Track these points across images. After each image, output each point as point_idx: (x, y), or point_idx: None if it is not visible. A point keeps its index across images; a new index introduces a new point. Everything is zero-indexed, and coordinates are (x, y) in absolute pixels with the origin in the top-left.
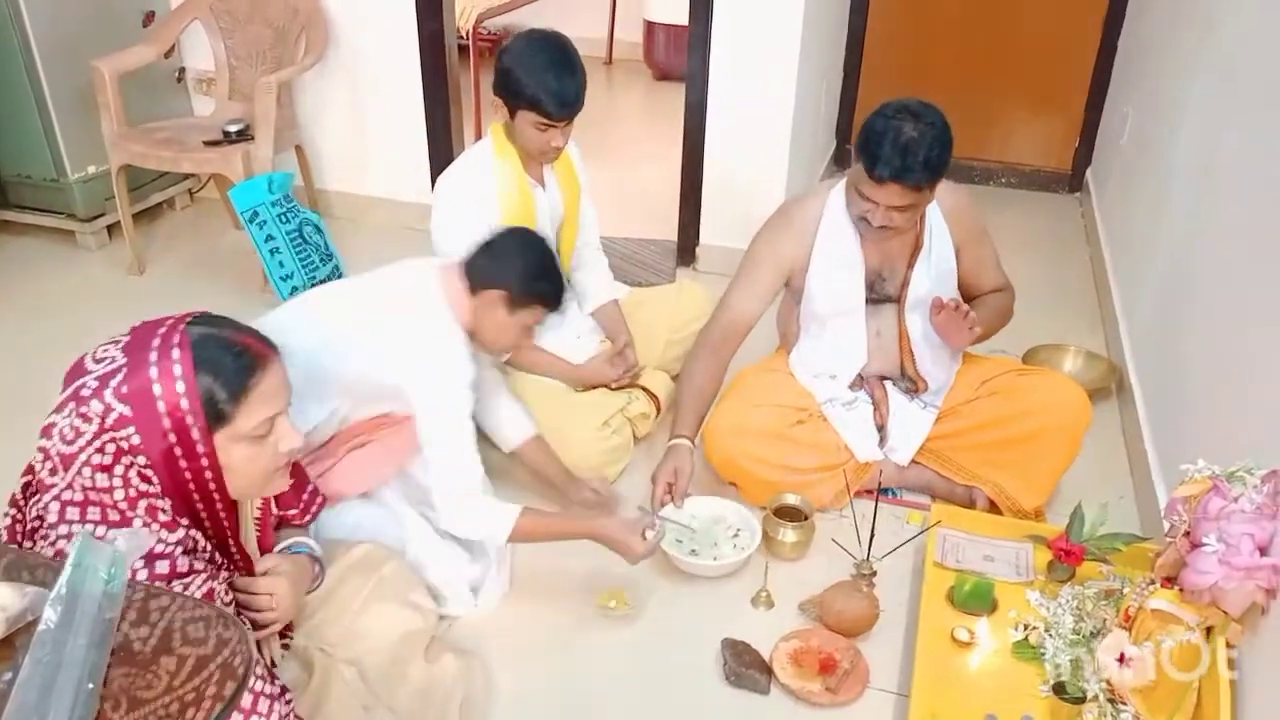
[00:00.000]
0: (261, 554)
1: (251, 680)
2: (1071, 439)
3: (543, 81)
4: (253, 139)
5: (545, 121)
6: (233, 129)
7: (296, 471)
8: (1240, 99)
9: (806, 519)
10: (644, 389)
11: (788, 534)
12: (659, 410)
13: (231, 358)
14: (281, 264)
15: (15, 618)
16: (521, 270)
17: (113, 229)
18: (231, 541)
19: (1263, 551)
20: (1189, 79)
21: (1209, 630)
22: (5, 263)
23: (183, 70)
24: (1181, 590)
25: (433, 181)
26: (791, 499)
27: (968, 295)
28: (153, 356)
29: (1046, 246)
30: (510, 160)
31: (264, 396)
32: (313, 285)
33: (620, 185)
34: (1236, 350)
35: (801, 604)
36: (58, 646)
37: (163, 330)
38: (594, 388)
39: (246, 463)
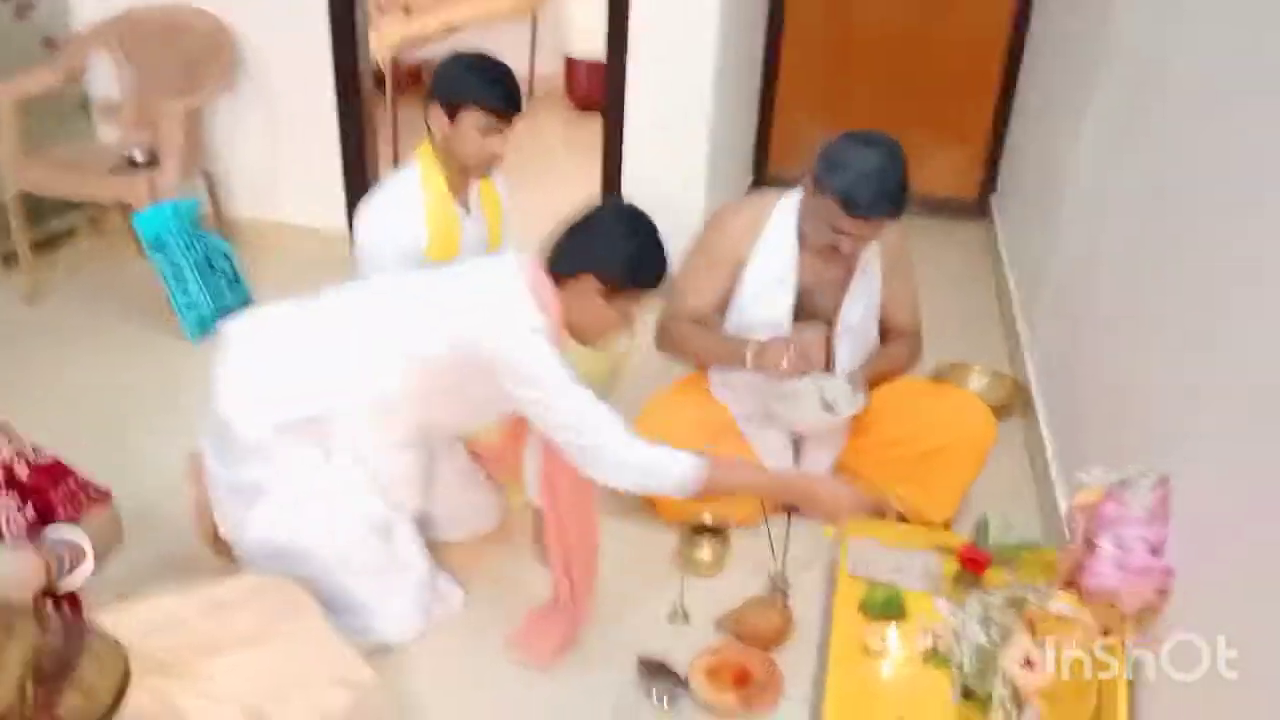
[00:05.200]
0: None
1: None
2: (976, 455)
3: (490, 80)
4: (158, 166)
5: (492, 122)
6: (138, 156)
7: (60, 470)
8: (1126, 129)
9: (723, 534)
10: None
11: (704, 550)
12: None
13: None
14: (186, 292)
15: None
16: (624, 256)
17: (10, 258)
18: None
19: (1155, 553)
20: (1081, 104)
21: (1106, 631)
22: None
23: (86, 96)
24: (1081, 593)
25: (349, 210)
26: (708, 516)
27: (880, 329)
28: None
29: (955, 272)
30: (436, 183)
31: None
32: (219, 314)
33: (541, 214)
34: (1126, 364)
35: (718, 619)
36: None
37: None
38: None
39: None
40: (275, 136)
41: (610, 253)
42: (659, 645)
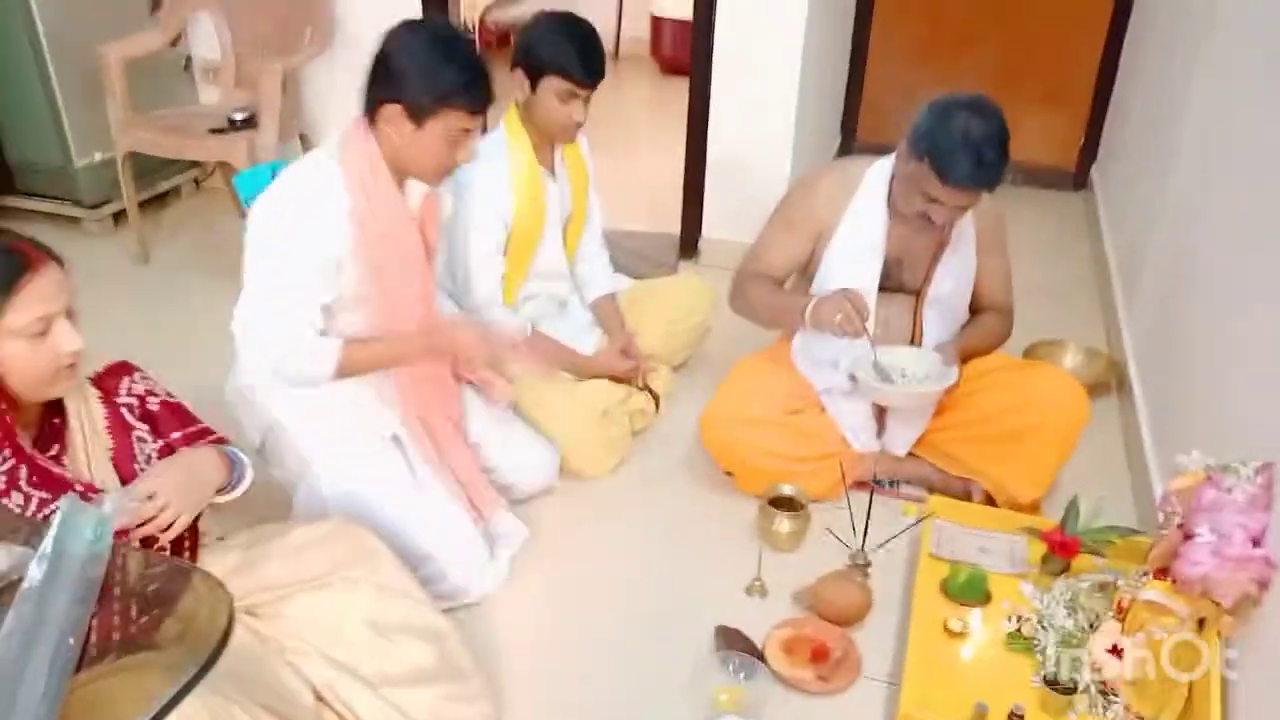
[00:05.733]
0: None
1: None
2: (1068, 435)
3: (570, 46)
4: (257, 127)
5: (572, 89)
6: (238, 117)
7: (184, 411)
8: (1239, 96)
9: (802, 509)
10: (649, 389)
11: (783, 524)
12: (658, 408)
13: (1, 257)
14: None
15: (1, 576)
16: (415, 70)
17: (119, 216)
18: (49, 467)
19: (1255, 543)
20: (1191, 75)
21: (1201, 622)
22: None
23: (189, 58)
24: (1174, 581)
25: None
26: (787, 489)
27: (971, 304)
28: None
29: (1051, 243)
30: (523, 147)
31: (36, 296)
32: None
33: (625, 178)
34: (1235, 345)
35: (796, 593)
36: (41, 603)
37: None
38: (596, 378)
39: (22, 359)
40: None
41: (402, 71)
42: (736, 617)
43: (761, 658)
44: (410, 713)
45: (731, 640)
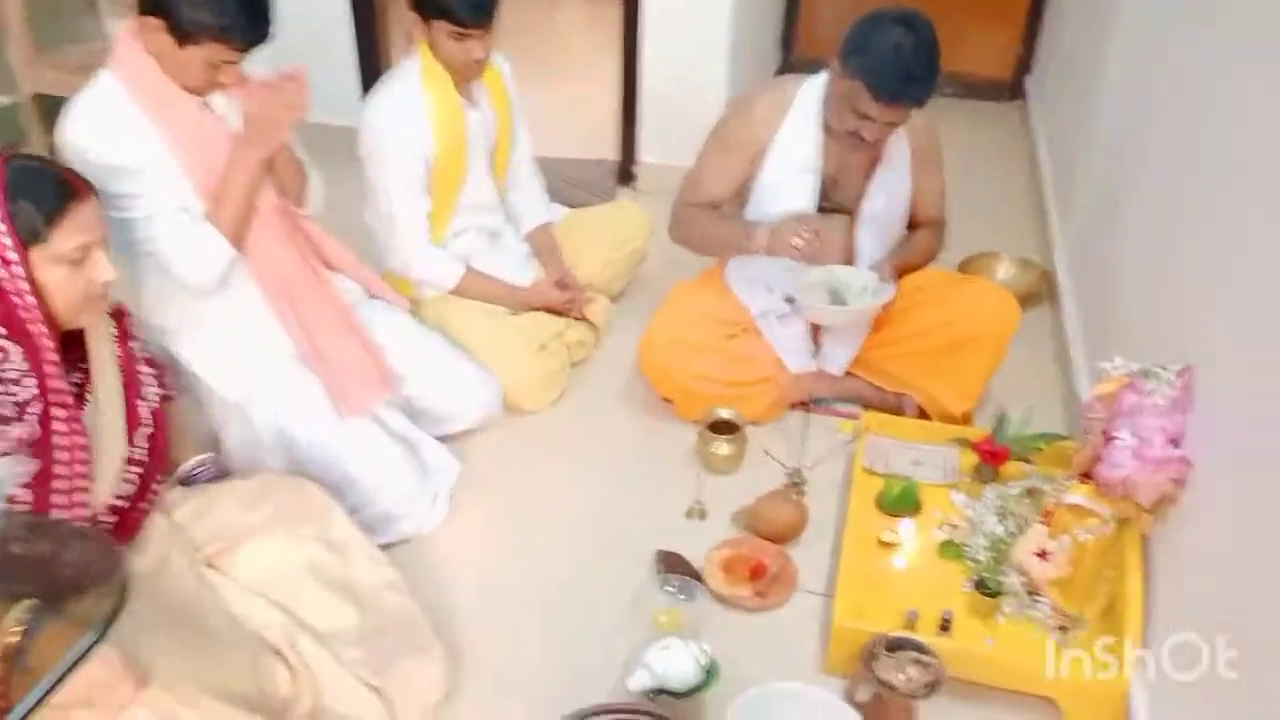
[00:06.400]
0: (131, 431)
1: None
2: (997, 343)
3: None
4: None
5: (459, 30)
6: None
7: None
8: (1173, 4)
9: (739, 432)
10: (587, 320)
11: (721, 447)
12: (597, 339)
13: (49, 184)
14: None
15: None
16: None
17: None
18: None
19: (1174, 444)
20: None
21: (1123, 522)
22: None
23: None
24: (1097, 484)
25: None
26: (725, 413)
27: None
28: None
29: (986, 155)
30: (439, 79)
31: (79, 224)
32: None
33: (560, 104)
34: (1162, 253)
35: (734, 514)
36: None
37: None
38: (535, 310)
39: (60, 285)
40: (283, 22)
41: None
42: (677, 541)
43: (700, 579)
44: (356, 669)
45: (671, 564)
